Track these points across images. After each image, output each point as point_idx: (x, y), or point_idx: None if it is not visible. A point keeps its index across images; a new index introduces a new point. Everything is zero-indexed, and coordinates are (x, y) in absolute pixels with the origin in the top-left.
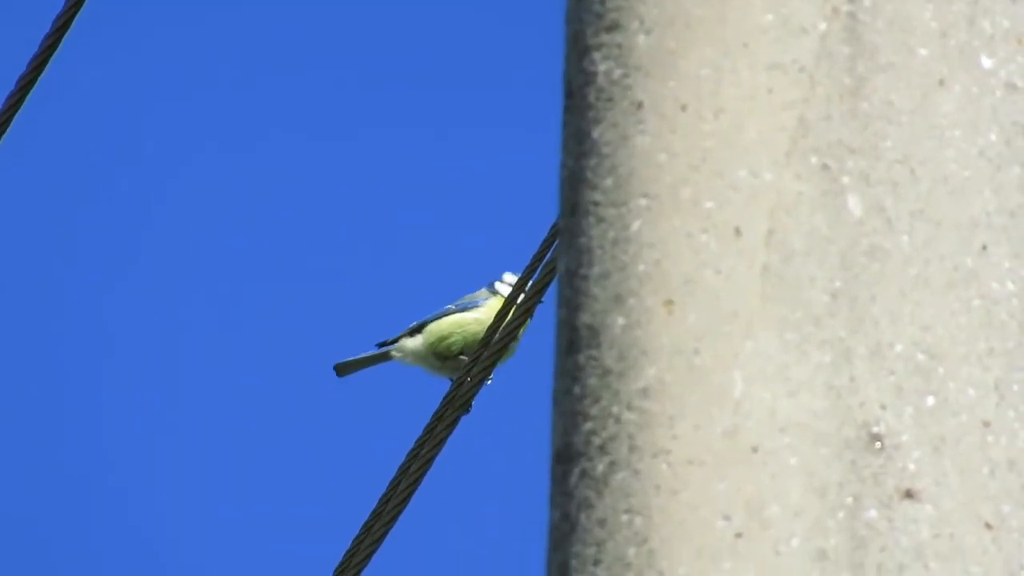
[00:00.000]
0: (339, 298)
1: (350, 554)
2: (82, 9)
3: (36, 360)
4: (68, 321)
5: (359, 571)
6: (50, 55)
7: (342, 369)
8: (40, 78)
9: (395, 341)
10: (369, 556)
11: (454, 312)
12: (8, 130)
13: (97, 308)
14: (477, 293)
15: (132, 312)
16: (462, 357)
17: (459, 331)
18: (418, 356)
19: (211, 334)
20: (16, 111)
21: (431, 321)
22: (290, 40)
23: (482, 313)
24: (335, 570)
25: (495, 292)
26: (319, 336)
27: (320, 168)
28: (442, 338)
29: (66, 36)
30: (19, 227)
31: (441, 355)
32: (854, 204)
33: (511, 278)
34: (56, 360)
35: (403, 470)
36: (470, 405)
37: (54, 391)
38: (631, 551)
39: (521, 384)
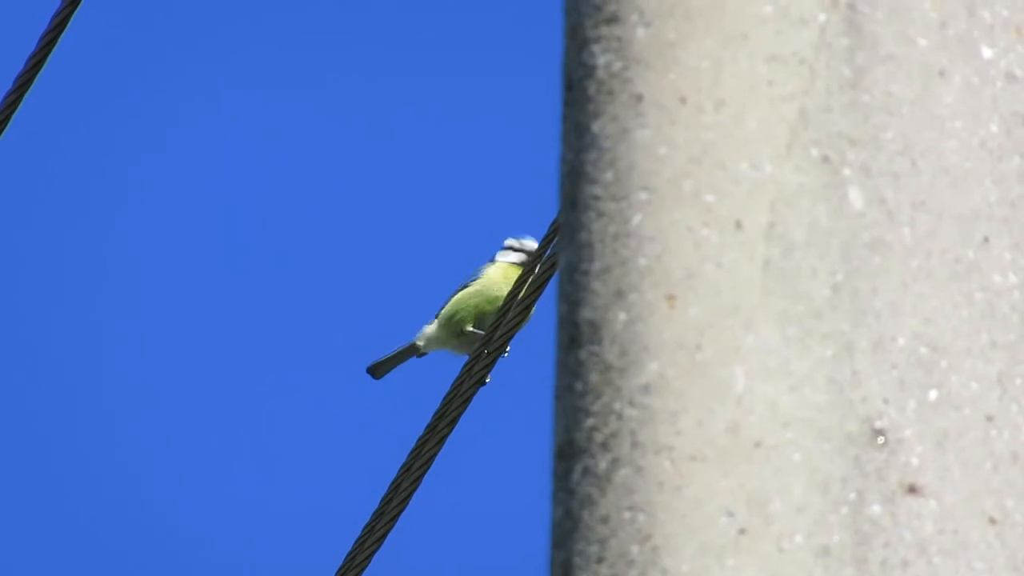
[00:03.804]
0: (349, 290)
1: (361, 540)
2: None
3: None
4: (66, 320)
5: (371, 554)
6: (48, 53)
7: (376, 370)
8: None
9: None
10: (381, 538)
11: (459, 289)
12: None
13: (94, 305)
14: (481, 266)
15: (133, 302)
16: (474, 330)
17: (463, 306)
18: (438, 340)
19: (214, 327)
20: (15, 109)
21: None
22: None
23: (481, 283)
24: (347, 555)
25: (494, 260)
26: (331, 328)
27: (325, 165)
28: (450, 317)
29: (62, 34)
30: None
31: (455, 333)
32: (855, 196)
33: (512, 242)
34: (54, 358)
35: (420, 445)
36: (487, 378)
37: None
38: (634, 548)
39: (520, 381)
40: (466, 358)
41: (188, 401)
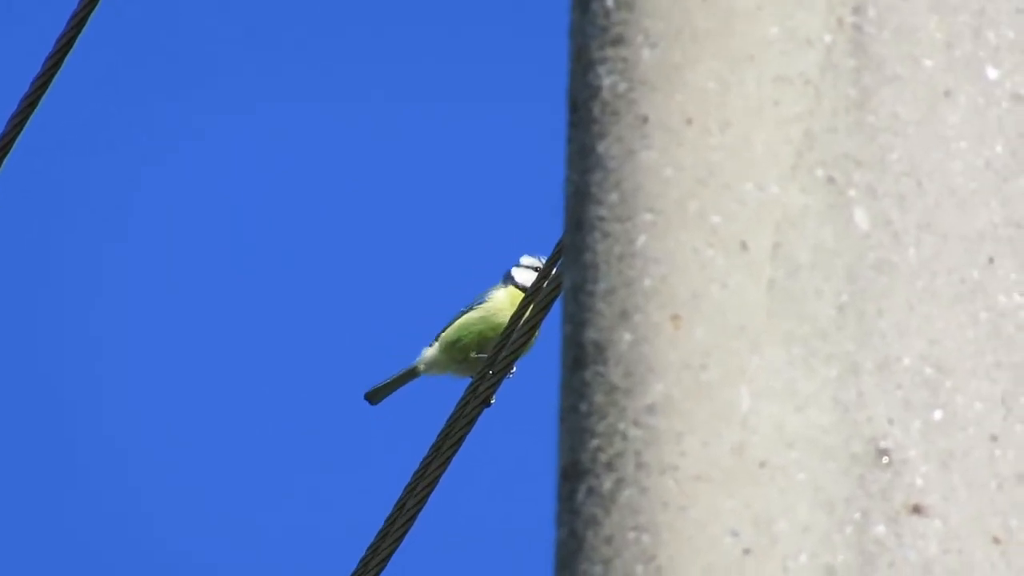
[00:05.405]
0: (357, 306)
1: (365, 561)
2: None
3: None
4: (63, 327)
5: (375, 575)
6: (63, 56)
7: (374, 395)
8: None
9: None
10: (386, 559)
11: (464, 313)
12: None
13: (98, 308)
14: (490, 288)
15: (137, 314)
16: (478, 355)
17: (466, 332)
18: (439, 364)
19: (223, 339)
20: (31, 113)
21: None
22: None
23: (486, 309)
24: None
25: (507, 282)
26: (337, 346)
27: (331, 179)
28: (453, 342)
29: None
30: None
31: (457, 358)
32: (860, 217)
33: (529, 260)
34: (52, 368)
35: (424, 466)
36: (491, 399)
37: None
38: (639, 568)
39: (525, 401)
40: (469, 380)
41: (187, 413)
